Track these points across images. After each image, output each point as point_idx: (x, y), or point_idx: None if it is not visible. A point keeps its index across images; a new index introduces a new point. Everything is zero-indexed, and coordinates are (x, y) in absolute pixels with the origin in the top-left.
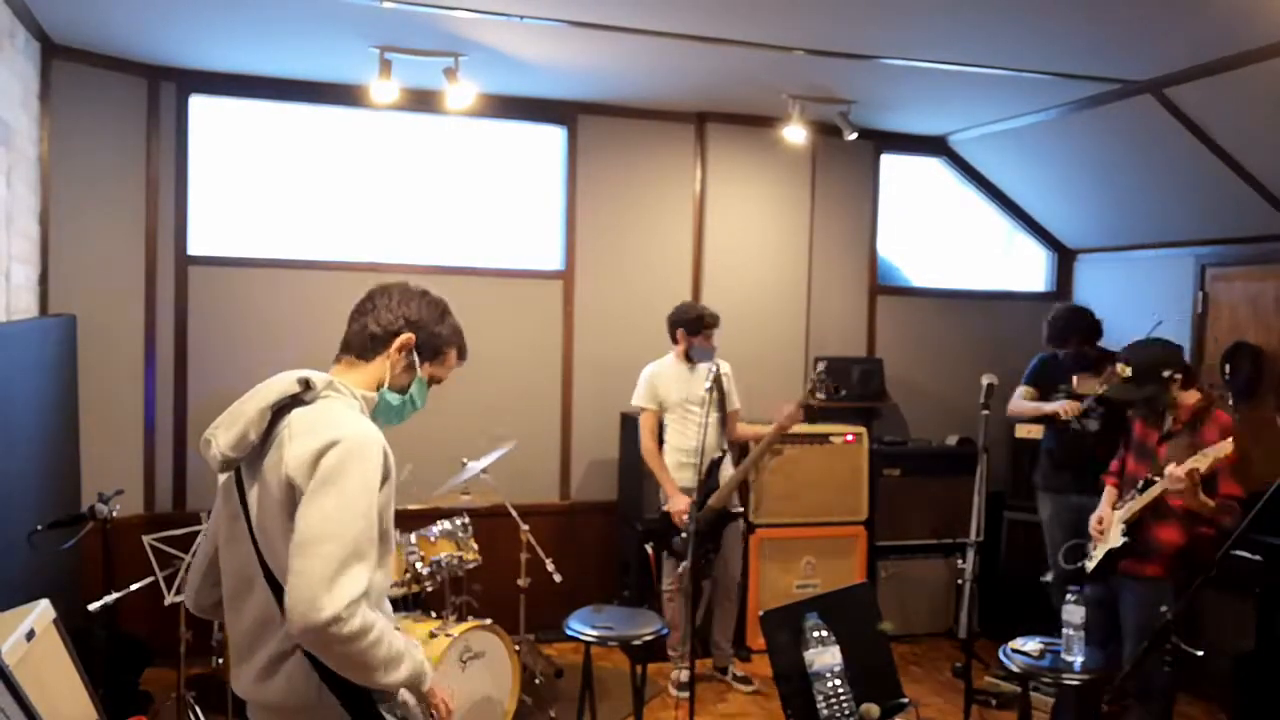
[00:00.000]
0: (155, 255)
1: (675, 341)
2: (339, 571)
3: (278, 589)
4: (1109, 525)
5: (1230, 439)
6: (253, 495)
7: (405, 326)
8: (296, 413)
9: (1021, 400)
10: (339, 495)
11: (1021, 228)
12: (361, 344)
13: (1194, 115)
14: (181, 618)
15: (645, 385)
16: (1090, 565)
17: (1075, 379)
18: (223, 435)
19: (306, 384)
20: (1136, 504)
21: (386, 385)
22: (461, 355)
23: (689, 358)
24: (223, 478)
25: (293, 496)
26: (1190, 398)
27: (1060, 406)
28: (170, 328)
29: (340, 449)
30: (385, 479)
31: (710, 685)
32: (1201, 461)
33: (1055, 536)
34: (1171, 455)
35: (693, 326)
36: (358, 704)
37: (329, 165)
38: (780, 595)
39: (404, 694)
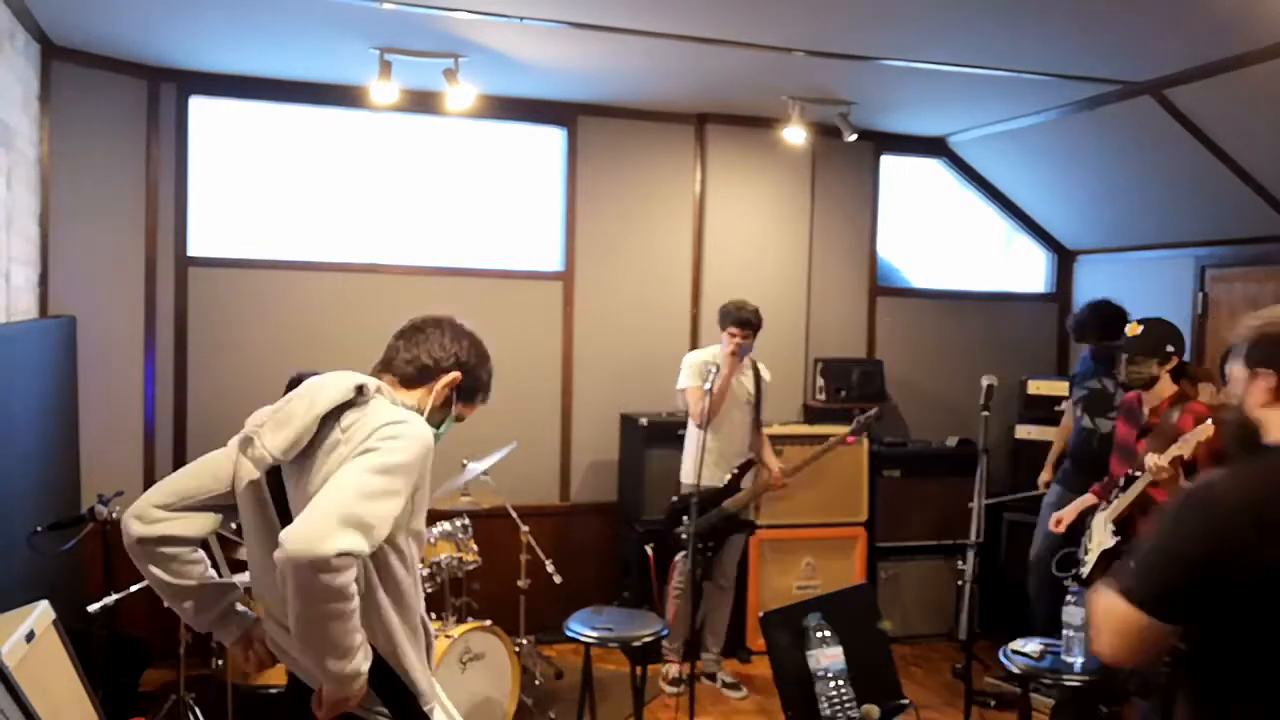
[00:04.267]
0: (155, 256)
1: None
2: (348, 520)
3: None
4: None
5: (1209, 422)
6: (296, 495)
7: (455, 365)
8: (349, 414)
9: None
10: (375, 458)
11: (1021, 229)
12: (409, 373)
13: (1193, 116)
14: (182, 619)
15: (691, 366)
16: (1085, 571)
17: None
18: (270, 436)
19: (360, 389)
20: (1122, 501)
21: (425, 416)
22: (486, 398)
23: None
24: (249, 466)
25: None
26: (1167, 389)
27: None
28: (170, 328)
29: (392, 428)
30: (421, 475)
31: (709, 688)
32: (1185, 448)
33: (1045, 523)
34: (1151, 449)
35: (721, 322)
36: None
37: (329, 166)
38: (780, 596)
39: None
